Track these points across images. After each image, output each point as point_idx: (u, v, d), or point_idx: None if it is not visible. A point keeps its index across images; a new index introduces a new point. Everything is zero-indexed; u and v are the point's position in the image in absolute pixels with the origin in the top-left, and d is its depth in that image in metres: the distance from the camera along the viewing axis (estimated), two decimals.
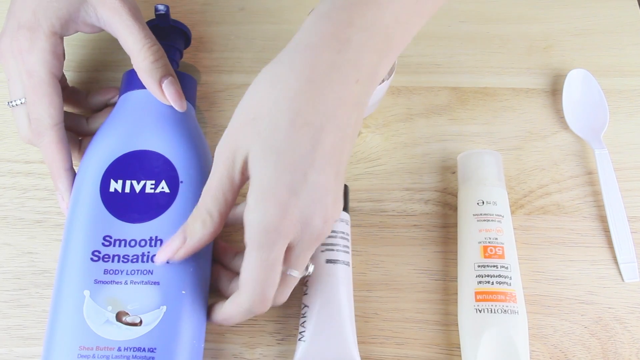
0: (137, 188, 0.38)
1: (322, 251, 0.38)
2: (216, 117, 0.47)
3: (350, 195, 0.43)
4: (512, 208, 0.44)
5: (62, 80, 0.42)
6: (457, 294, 0.40)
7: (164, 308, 0.35)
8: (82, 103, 0.45)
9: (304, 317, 0.37)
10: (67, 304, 0.35)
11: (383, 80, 0.43)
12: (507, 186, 0.44)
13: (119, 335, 0.34)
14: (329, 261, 0.38)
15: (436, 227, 0.44)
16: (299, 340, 0.37)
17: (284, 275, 0.34)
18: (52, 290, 0.36)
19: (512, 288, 0.38)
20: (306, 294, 0.38)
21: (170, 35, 0.45)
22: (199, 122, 0.44)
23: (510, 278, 0.38)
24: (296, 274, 0.34)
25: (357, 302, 0.39)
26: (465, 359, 0.38)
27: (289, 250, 0.33)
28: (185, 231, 0.34)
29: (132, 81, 0.42)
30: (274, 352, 0.39)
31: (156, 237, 0.36)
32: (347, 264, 0.39)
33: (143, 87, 0.41)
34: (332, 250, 0.38)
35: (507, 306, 0.38)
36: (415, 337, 0.40)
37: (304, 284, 0.38)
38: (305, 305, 0.37)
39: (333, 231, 0.39)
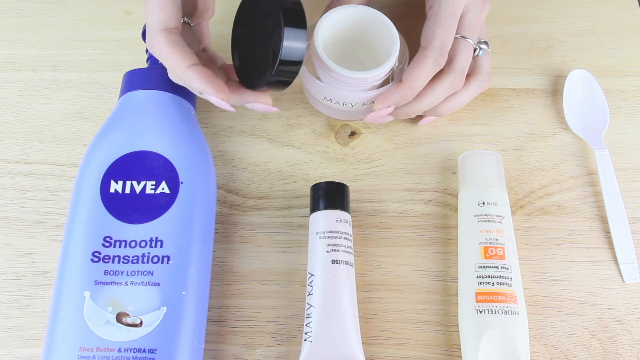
0: (138, 189, 0.38)
1: (328, 252, 0.38)
2: (216, 117, 0.47)
3: (351, 196, 0.43)
4: (512, 209, 0.44)
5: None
6: (457, 294, 0.40)
7: (164, 309, 0.35)
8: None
9: (309, 317, 0.37)
10: (67, 305, 0.35)
11: (385, 82, 0.43)
12: (508, 187, 0.44)
13: (119, 336, 0.34)
14: (334, 262, 0.38)
15: (437, 227, 0.44)
16: (305, 340, 0.37)
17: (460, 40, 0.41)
18: (52, 291, 0.36)
19: (512, 289, 0.38)
20: (311, 294, 0.38)
21: None
22: (199, 122, 0.44)
23: (511, 279, 0.38)
24: (470, 42, 0.42)
25: (357, 303, 0.39)
26: None
27: (462, 16, 0.42)
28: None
29: (132, 81, 0.42)
30: (274, 353, 0.39)
31: (156, 237, 0.36)
32: (351, 264, 0.39)
33: (143, 88, 0.41)
34: (338, 251, 0.38)
35: (507, 307, 0.38)
36: (415, 338, 0.40)
37: (309, 284, 0.38)
38: (311, 306, 0.37)
39: (337, 232, 0.39)
